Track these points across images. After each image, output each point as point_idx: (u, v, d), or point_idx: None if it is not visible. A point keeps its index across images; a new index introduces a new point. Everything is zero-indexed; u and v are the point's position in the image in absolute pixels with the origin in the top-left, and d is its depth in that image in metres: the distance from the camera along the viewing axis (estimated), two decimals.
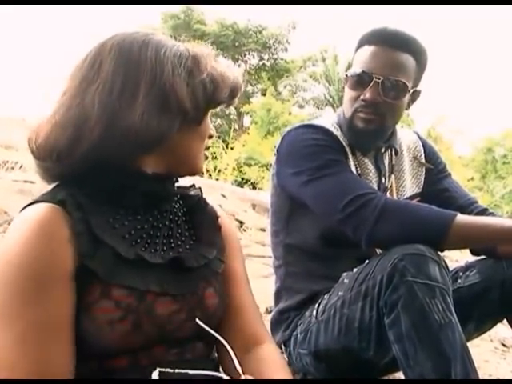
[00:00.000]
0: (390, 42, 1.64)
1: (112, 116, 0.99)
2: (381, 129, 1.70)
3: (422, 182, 1.89)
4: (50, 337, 0.93)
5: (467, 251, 1.74)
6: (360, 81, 1.66)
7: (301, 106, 28.36)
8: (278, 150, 1.75)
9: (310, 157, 1.64)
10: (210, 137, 1.16)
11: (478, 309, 1.62)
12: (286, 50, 28.28)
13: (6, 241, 0.96)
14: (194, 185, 1.26)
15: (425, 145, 1.94)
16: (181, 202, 1.20)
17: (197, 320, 1.06)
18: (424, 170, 1.90)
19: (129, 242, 1.04)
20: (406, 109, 1.75)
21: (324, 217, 1.63)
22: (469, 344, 1.35)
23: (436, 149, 2.00)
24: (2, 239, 1.00)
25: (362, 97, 1.65)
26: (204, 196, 1.26)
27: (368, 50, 1.67)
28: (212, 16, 27.71)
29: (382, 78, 1.62)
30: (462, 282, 1.66)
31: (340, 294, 1.55)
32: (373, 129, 1.67)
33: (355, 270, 1.55)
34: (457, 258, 4.36)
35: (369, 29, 1.71)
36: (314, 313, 1.64)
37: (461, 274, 1.69)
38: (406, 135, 1.93)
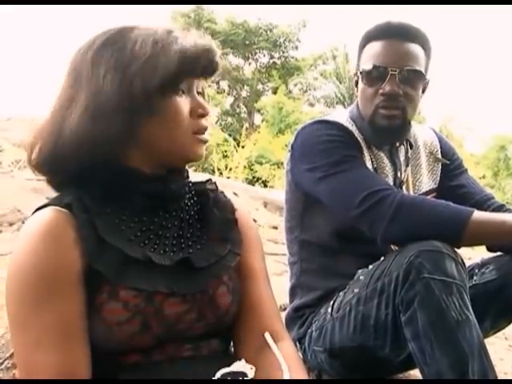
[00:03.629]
0: (398, 34, 1.65)
1: (64, 129, 1.01)
2: (403, 123, 1.69)
3: (439, 178, 1.88)
4: (65, 336, 0.94)
5: (480, 249, 1.72)
6: (376, 76, 1.66)
7: (311, 105, 28.31)
8: (292, 147, 1.75)
9: (324, 153, 1.63)
10: (201, 116, 1.07)
11: (494, 306, 1.60)
12: (297, 48, 28.22)
13: (16, 245, 0.98)
14: (210, 180, 1.23)
15: (441, 140, 1.93)
16: (195, 199, 1.17)
17: (266, 335, 1.06)
18: (440, 165, 1.88)
19: (136, 244, 1.04)
20: None
21: (339, 213, 1.62)
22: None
23: (452, 144, 1.98)
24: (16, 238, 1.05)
25: (381, 91, 1.65)
26: (220, 190, 1.24)
27: (377, 45, 1.68)
28: (222, 15, 27.73)
29: (397, 70, 1.63)
30: (478, 279, 1.64)
31: (355, 291, 1.54)
32: (396, 125, 1.67)
33: (371, 266, 1.54)
34: (470, 255, 4.33)
35: (372, 26, 1.72)
36: (329, 310, 1.63)
37: (476, 271, 1.67)
38: (422, 131, 1.92)
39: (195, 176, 1.20)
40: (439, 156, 1.89)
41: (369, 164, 1.70)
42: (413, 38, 1.66)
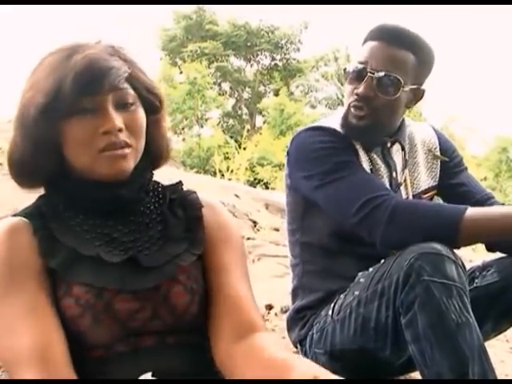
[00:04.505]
0: (388, 38, 1.64)
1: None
2: (374, 125, 1.67)
3: (438, 175, 1.87)
4: (35, 320, 1.00)
5: (481, 251, 1.72)
6: (356, 75, 1.67)
7: (313, 106, 28.25)
8: (288, 153, 1.76)
9: (318, 161, 1.65)
10: (106, 132, 1.04)
11: (495, 309, 1.60)
12: (299, 49, 28.15)
13: None
14: (179, 182, 1.24)
15: (440, 138, 1.92)
16: (160, 202, 1.19)
17: None
18: (439, 162, 1.88)
19: (90, 243, 1.08)
20: (409, 107, 1.76)
21: (338, 220, 1.64)
22: (485, 344, 1.34)
23: (452, 142, 1.97)
24: None
25: (355, 90, 1.66)
26: (192, 190, 1.25)
27: (368, 44, 1.68)
28: (224, 16, 27.71)
29: (375, 73, 1.62)
30: (479, 282, 1.65)
31: (356, 293, 1.55)
32: (364, 125, 1.66)
33: (371, 269, 1.55)
34: (470, 257, 4.33)
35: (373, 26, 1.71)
36: (330, 312, 1.63)
37: (478, 273, 1.67)
38: (420, 128, 1.91)
39: (192, 178, 1.20)
40: (438, 153, 1.88)
41: (366, 165, 1.71)
42: (404, 43, 1.64)
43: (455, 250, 1.43)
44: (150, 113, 1.14)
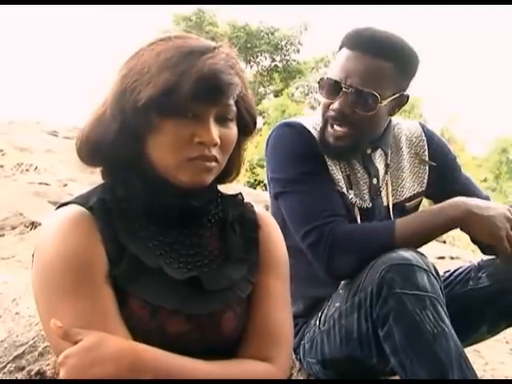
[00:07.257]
0: (366, 48, 1.53)
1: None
2: (354, 143, 1.61)
3: (425, 180, 1.79)
4: (104, 320, 0.96)
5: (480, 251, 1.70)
6: (331, 89, 1.59)
7: (313, 107, 28.24)
8: (265, 152, 1.73)
9: (285, 166, 1.64)
10: (201, 143, 1.01)
11: (490, 311, 1.59)
12: (298, 51, 28.15)
13: (45, 237, 1.01)
14: (239, 193, 1.22)
15: (430, 140, 1.81)
16: (220, 215, 1.16)
17: None
18: (427, 167, 1.79)
19: (153, 252, 1.05)
20: (391, 114, 1.68)
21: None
22: (483, 345, 1.34)
23: (445, 142, 1.88)
24: (19, 242, 1.05)
25: (331, 106, 1.58)
26: (249, 203, 1.23)
27: (344, 54, 1.58)
28: (224, 18, 27.72)
29: (350, 89, 1.54)
30: (474, 284, 1.62)
31: (337, 305, 1.55)
32: (343, 145, 1.60)
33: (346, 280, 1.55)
34: (470, 258, 4.33)
35: (350, 29, 1.61)
36: (317, 322, 1.63)
37: (473, 274, 1.64)
38: (408, 128, 1.82)
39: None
40: (426, 158, 1.79)
41: (339, 172, 1.67)
42: (382, 53, 1.53)
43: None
44: (242, 133, 1.12)
